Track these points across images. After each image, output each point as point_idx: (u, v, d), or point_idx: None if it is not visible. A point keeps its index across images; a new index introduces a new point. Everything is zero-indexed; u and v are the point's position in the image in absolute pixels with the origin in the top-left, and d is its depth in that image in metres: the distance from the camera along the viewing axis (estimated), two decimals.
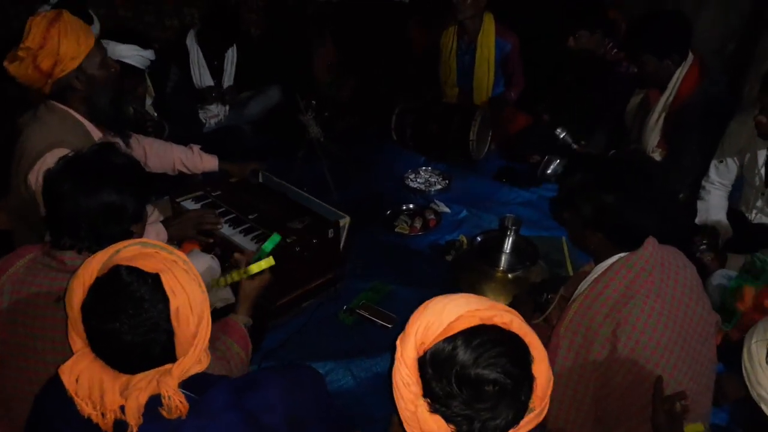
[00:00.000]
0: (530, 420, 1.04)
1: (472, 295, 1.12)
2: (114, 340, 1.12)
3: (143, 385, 1.10)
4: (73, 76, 1.98)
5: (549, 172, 3.29)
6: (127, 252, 1.17)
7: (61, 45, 1.92)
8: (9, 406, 1.48)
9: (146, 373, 1.13)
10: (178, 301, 1.14)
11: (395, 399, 1.07)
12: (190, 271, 1.21)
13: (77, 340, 1.16)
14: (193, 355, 1.16)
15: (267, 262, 1.80)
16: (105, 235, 1.49)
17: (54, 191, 1.50)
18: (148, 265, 1.15)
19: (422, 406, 1.03)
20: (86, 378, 1.12)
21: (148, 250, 1.19)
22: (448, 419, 1.01)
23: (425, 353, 1.04)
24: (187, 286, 1.17)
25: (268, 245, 1.88)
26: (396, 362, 1.07)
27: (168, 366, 1.14)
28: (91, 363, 1.14)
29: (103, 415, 1.10)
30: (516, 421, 1.03)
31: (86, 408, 1.10)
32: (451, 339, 1.02)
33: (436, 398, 1.02)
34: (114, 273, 1.14)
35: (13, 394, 1.46)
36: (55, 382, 1.17)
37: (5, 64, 1.92)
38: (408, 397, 1.04)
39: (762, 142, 2.44)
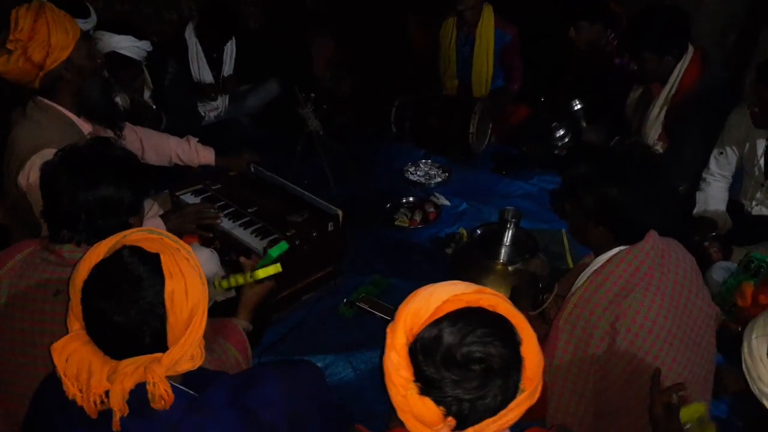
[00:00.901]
0: (521, 401, 1.05)
1: (460, 281, 1.13)
2: (106, 320, 1.11)
3: (130, 370, 1.09)
4: (63, 67, 1.97)
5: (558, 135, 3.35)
6: (134, 236, 1.18)
7: (52, 35, 1.91)
8: (8, 403, 1.48)
9: (134, 359, 1.12)
10: (173, 284, 1.14)
11: (387, 387, 1.08)
12: (192, 260, 1.21)
13: (75, 322, 1.16)
14: (185, 346, 1.15)
15: (275, 268, 1.78)
16: (103, 227, 1.49)
17: (52, 184, 1.50)
18: (150, 247, 1.16)
19: (412, 389, 1.04)
20: (76, 358, 1.11)
21: (153, 236, 1.20)
22: (438, 401, 1.02)
23: (414, 339, 1.05)
24: (186, 272, 1.17)
25: (275, 251, 1.87)
26: (386, 349, 1.08)
27: (158, 355, 1.13)
28: (83, 344, 1.13)
29: (87, 397, 1.09)
30: (506, 402, 1.03)
31: (72, 389, 1.09)
32: (438, 322, 1.04)
33: (427, 382, 1.03)
34: (117, 253, 1.15)
35: (12, 390, 1.46)
36: (55, 376, 1.17)
37: None
38: (399, 382, 1.05)
39: (761, 132, 2.44)
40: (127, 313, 1.11)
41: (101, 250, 1.16)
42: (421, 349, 1.04)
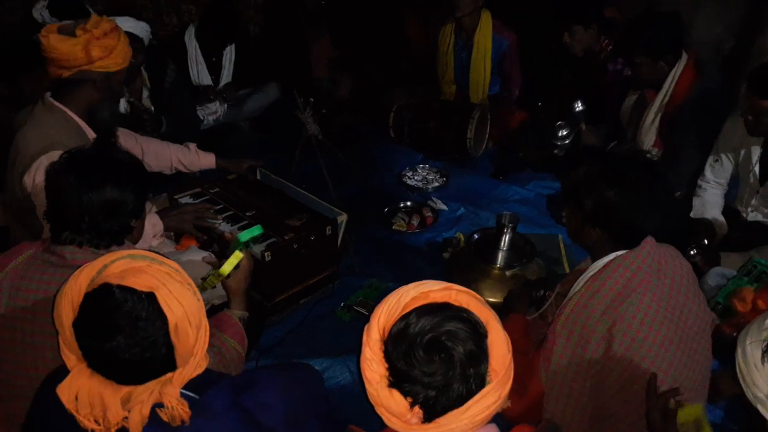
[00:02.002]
0: (487, 393, 1.07)
1: (430, 280, 1.18)
2: (112, 358, 1.11)
3: (145, 397, 1.10)
4: (102, 75, 2.04)
5: (561, 135, 3.37)
6: (116, 267, 1.15)
7: (117, 47, 2.05)
8: (8, 404, 1.47)
9: (147, 384, 1.12)
10: (176, 317, 1.13)
11: (365, 384, 1.12)
12: (184, 281, 1.20)
13: (71, 357, 1.15)
14: (193, 363, 1.16)
15: (235, 257, 1.77)
16: (105, 229, 1.51)
17: (58, 185, 1.51)
18: (140, 283, 1.13)
19: (383, 383, 1.09)
20: (85, 394, 1.11)
21: (138, 264, 1.17)
22: (404, 393, 1.07)
23: (386, 334, 1.11)
24: (183, 300, 1.16)
25: (244, 235, 1.87)
26: (362, 347, 1.13)
27: (168, 375, 1.14)
28: (88, 379, 1.13)
29: (107, 429, 1.09)
30: (471, 393, 1.07)
31: (89, 424, 1.10)
32: (405, 317, 1.10)
33: (395, 374, 1.08)
34: (105, 291, 1.12)
35: (11, 392, 1.46)
36: (54, 378, 1.17)
37: (50, 32, 1.97)
38: (372, 377, 1.10)
39: (756, 139, 2.46)
40: (131, 351, 1.10)
41: (81, 283, 1.14)
42: (390, 344, 1.09)
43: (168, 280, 1.16)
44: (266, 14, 4.52)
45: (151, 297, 1.13)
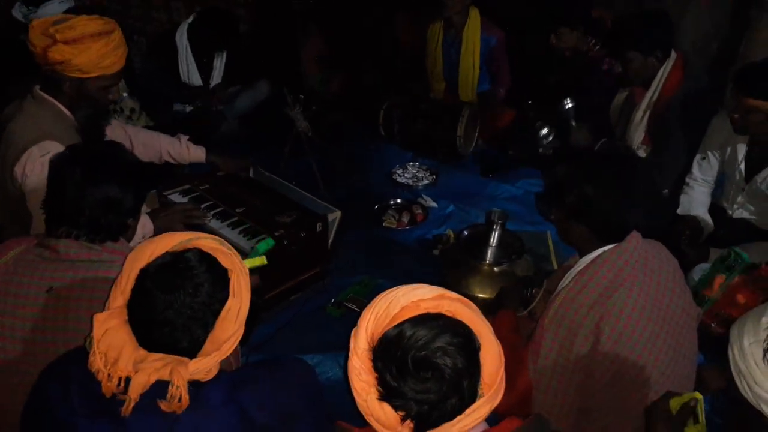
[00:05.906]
0: (479, 406, 1.06)
1: (425, 285, 1.14)
2: (155, 309, 1.13)
3: (159, 365, 1.10)
4: (67, 78, 1.98)
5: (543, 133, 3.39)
6: (208, 242, 1.21)
7: (80, 56, 1.93)
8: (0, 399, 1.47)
9: (164, 355, 1.13)
10: (232, 302, 1.17)
11: (353, 393, 1.10)
12: (248, 285, 1.24)
13: (119, 298, 1.16)
14: (211, 360, 1.16)
15: (260, 260, 1.81)
16: (103, 224, 1.52)
17: (61, 177, 1.52)
18: (224, 260, 1.19)
19: (372, 394, 1.06)
20: (111, 336, 1.12)
21: (225, 249, 1.22)
22: (395, 407, 1.05)
23: (374, 344, 1.08)
24: (245, 296, 1.20)
25: (263, 246, 1.90)
26: (350, 355, 1.10)
27: (185, 358, 1.14)
28: (122, 324, 1.15)
29: (109, 376, 1.09)
30: (463, 407, 1.05)
31: (98, 362, 1.10)
32: (396, 328, 1.06)
33: (385, 387, 1.05)
34: (189, 251, 1.17)
35: (2, 388, 1.46)
36: (54, 368, 1.17)
37: (40, 24, 1.93)
38: (361, 387, 1.08)
39: (742, 137, 2.48)
40: (178, 312, 1.13)
41: (174, 240, 1.18)
42: (380, 355, 1.06)
43: (241, 275, 1.21)
44: (258, 12, 4.51)
45: (225, 274, 1.18)
